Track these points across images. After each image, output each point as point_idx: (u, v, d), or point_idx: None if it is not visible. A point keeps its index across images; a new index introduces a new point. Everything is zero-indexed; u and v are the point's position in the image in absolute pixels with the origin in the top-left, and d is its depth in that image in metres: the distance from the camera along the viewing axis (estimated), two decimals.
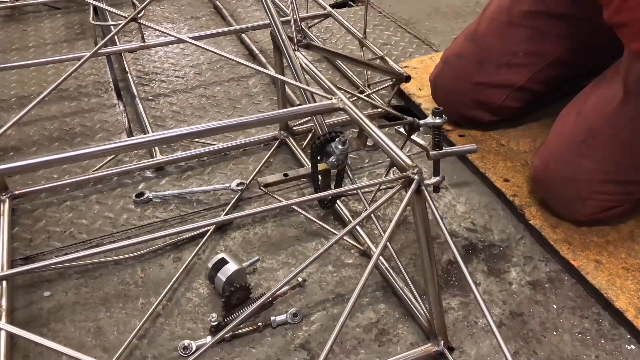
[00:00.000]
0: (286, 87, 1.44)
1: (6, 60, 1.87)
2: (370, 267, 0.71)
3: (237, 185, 1.26)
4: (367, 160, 1.36)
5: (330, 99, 0.96)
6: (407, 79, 1.48)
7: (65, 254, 1.12)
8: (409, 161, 0.79)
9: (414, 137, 1.22)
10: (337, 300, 1.03)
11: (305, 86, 1.09)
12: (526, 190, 1.20)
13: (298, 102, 1.51)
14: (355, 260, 1.10)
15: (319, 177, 1.10)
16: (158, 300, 1.00)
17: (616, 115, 1.02)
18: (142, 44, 1.61)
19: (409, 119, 1.19)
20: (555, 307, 1.00)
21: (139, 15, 1.19)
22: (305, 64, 1.14)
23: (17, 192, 1.24)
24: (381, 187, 1.20)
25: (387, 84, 1.56)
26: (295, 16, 1.22)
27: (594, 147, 1.05)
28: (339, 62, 1.74)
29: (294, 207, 1.19)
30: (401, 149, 0.86)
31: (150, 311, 0.98)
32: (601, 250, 1.06)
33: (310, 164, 1.08)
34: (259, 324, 0.97)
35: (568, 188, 1.08)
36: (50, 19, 2.16)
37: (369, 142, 1.28)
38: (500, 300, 1.01)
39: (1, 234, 1.11)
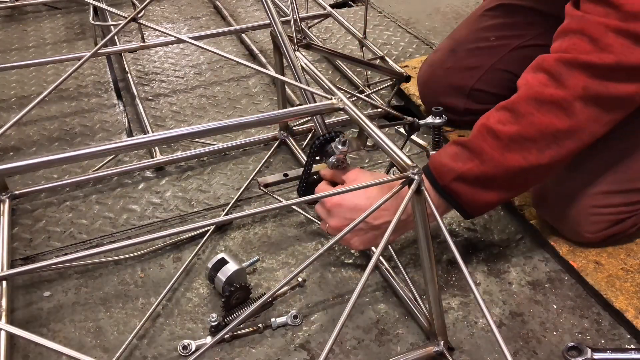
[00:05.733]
0: (286, 87, 1.44)
1: (6, 60, 1.87)
2: (370, 267, 0.71)
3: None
4: (367, 160, 1.36)
5: (330, 99, 0.96)
6: (407, 79, 1.48)
7: (65, 254, 1.12)
8: (409, 161, 0.79)
9: (414, 137, 1.22)
10: (337, 300, 1.03)
11: (305, 86, 1.09)
12: None
13: (298, 102, 1.51)
14: (355, 260, 1.10)
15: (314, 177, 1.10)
16: (158, 300, 1.00)
17: None
18: (142, 44, 1.60)
19: (409, 119, 1.19)
20: (555, 307, 1.00)
21: (139, 15, 1.18)
22: (305, 64, 1.14)
23: (17, 192, 1.23)
24: None
25: (387, 84, 1.57)
26: (295, 16, 1.22)
27: (584, 157, 0.98)
28: (339, 62, 1.74)
29: (294, 207, 1.19)
30: (401, 149, 0.86)
31: (150, 311, 0.98)
32: (600, 251, 1.06)
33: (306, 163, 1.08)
34: (259, 325, 0.97)
35: (567, 206, 1.03)
36: (50, 19, 2.17)
37: (369, 142, 1.28)
38: (500, 300, 1.02)
39: (1, 234, 1.11)
